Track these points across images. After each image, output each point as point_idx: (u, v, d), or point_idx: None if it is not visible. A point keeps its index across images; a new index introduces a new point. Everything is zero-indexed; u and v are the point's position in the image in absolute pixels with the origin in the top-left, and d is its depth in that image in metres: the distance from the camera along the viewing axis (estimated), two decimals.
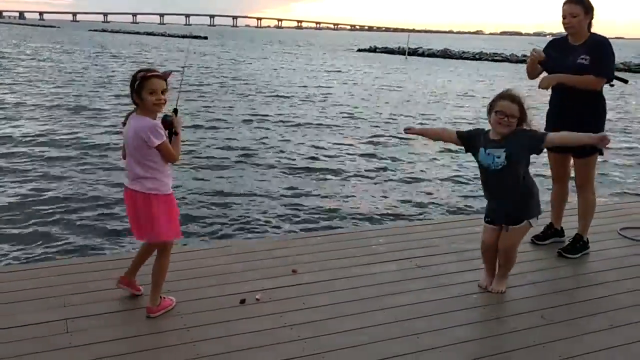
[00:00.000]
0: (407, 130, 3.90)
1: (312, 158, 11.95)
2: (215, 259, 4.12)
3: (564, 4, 4.19)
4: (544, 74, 4.38)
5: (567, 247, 4.43)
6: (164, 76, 3.14)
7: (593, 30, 4.24)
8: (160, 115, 3.22)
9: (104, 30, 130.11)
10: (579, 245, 4.42)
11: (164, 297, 3.37)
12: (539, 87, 4.30)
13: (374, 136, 14.66)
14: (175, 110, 3.31)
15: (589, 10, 4.15)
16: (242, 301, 3.48)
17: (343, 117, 17.78)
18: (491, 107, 3.47)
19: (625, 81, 4.26)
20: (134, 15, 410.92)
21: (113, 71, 31.23)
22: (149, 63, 37.84)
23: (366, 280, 3.84)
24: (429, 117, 18.65)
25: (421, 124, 16.78)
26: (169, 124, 3.21)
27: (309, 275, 3.89)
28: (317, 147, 13.02)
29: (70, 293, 3.52)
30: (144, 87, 3.08)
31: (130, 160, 3.19)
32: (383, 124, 16.79)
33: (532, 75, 4.50)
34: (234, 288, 3.64)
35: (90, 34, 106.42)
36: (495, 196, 3.67)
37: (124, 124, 3.20)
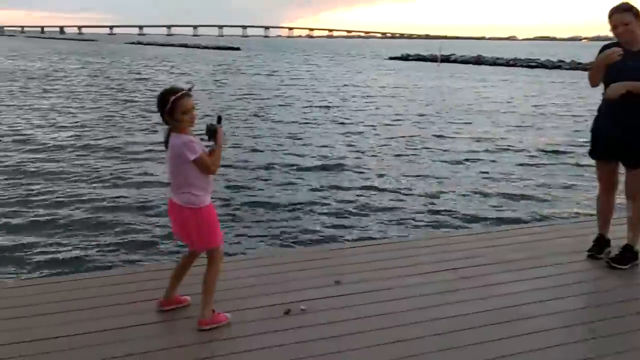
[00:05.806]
0: None
1: (355, 170, 11.89)
2: (259, 269, 4.17)
3: (613, 13, 4.04)
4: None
5: (616, 257, 4.33)
6: (191, 93, 3.20)
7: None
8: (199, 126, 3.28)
9: (139, 43, 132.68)
10: (629, 255, 4.32)
11: (219, 313, 3.38)
12: (607, 97, 4.14)
13: (414, 147, 14.54)
14: (219, 118, 3.33)
15: (638, 15, 4.01)
16: (287, 312, 3.51)
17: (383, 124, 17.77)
18: None
19: None
20: (169, 27, 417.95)
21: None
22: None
23: (409, 292, 3.82)
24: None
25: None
26: (213, 133, 3.26)
27: (352, 285, 3.90)
28: (358, 157, 13.01)
29: (116, 303, 3.60)
30: (177, 108, 3.12)
31: (170, 175, 3.31)
32: (422, 131, 16.74)
33: (595, 81, 4.25)
34: (279, 298, 3.67)
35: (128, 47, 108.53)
36: None
37: (166, 142, 3.24)
